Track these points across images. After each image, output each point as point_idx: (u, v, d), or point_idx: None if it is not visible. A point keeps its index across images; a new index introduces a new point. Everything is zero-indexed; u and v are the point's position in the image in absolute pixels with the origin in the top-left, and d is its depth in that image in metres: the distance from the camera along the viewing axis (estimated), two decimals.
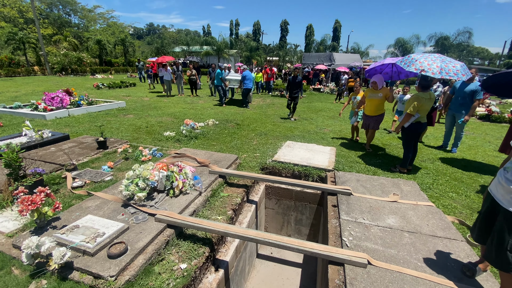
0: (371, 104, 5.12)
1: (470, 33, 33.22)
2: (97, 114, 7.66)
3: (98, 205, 2.71)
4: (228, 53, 35.80)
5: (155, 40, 43.14)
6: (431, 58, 3.92)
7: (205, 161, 3.81)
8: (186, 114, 8.35)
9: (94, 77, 21.81)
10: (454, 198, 3.53)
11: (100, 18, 38.66)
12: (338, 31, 50.56)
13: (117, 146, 4.72)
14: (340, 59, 22.91)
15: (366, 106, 5.23)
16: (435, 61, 3.84)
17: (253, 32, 55.02)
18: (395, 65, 5.61)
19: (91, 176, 3.50)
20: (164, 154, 4.38)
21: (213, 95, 13.07)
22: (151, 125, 6.60)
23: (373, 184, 3.58)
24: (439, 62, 3.79)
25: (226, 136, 5.97)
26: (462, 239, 2.50)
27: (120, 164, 3.98)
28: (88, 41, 29.85)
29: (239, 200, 3.23)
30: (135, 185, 2.72)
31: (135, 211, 2.60)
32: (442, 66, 3.72)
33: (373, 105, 5.09)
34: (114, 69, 28.12)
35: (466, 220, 3.02)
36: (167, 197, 2.86)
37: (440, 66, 3.72)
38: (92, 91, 12.81)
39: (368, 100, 5.16)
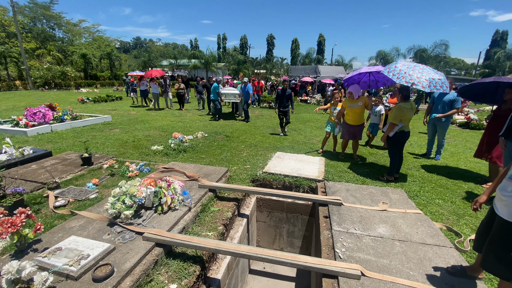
0: (353, 114, 5.18)
1: (446, 45, 35.20)
2: (82, 129, 7.46)
3: (82, 225, 2.59)
4: (216, 66, 36.18)
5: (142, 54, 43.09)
6: (418, 69, 4.07)
7: (194, 175, 3.75)
8: (174, 127, 8.27)
9: (79, 91, 21.42)
10: (440, 205, 3.61)
11: (85, 32, 38.30)
12: (322, 45, 52.28)
13: (103, 162, 4.58)
14: (325, 71, 23.64)
15: (348, 116, 5.27)
16: (422, 73, 3.99)
17: (240, 46, 56.03)
18: (372, 74, 5.81)
19: (74, 194, 3.36)
20: (152, 169, 4.29)
21: (201, 109, 12.89)
22: (138, 139, 6.48)
23: (362, 194, 3.62)
24: (426, 75, 3.93)
25: (216, 149, 5.93)
26: (451, 246, 2.54)
27: (106, 180, 3.86)
28: (73, 55, 29.44)
29: (230, 215, 3.17)
30: (122, 202, 2.62)
31: (121, 230, 2.50)
32: (430, 79, 3.87)
33: (355, 115, 5.18)
34: (100, 83, 27.73)
35: (453, 226, 3.08)
36: (155, 214, 2.77)
37: (429, 79, 3.86)
38: (76, 106, 12.53)
39: (349, 110, 5.19)
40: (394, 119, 4.06)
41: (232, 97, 10.86)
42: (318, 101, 17.06)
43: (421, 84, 3.87)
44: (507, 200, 1.70)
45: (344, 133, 5.42)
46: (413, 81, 3.92)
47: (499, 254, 1.70)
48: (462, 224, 3.14)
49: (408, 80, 3.97)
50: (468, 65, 52.38)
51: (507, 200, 1.70)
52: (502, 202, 1.75)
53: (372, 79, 5.90)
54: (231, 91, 11.02)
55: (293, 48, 52.06)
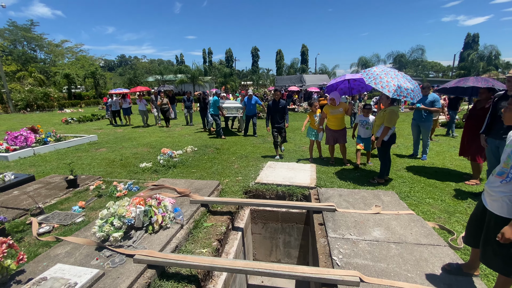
0: (335, 119, 5.36)
1: (422, 50, 36.84)
2: (66, 151, 7.24)
3: (69, 252, 2.47)
4: (203, 80, 36.39)
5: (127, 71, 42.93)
6: (391, 75, 4.21)
7: (185, 191, 3.68)
8: (163, 143, 8.15)
9: (63, 111, 20.96)
10: (431, 204, 3.67)
11: (68, 52, 37.83)
12: (305, 55, 53.72)
13: (89, 183, 4.43)
14: (310, 80, 24.22)
15: (330, 121, 5.43)
16: (393, 79, 4.12)
17: (226, 59, 56.73)
18: (350, 82, 6.03)
19: (60, 219, 3.21)
20: (141, 187, 4.18)
21: (189, 125, 12.26)
22: (126, 158, 6.34)
23: (355, 198, 3.64)
24: (396, 81, 4.06)
25: (206, 162, 5.86)
26: (445, 244, 2.56)
27: (93, 202, 3.72)
28: (56, 75, 28.95)
29: (224, 229, 3.10)
30: (110, 224, 2.52)
31: (111, 253, 2.39)
32: (397, 86, 3.98)
33: (338, 120, 5.37)
34: (85, 102, 27.27)
35: (445, 224, 3.13)
36: (146, 234, 2.67)
37: (397, 85, 3.98)
38: (60, 127, 12.21)
39: (331, 116, 5.37)
40: (390, 122, 4.13)
41: (234, 111, 9.93)
42: (306, 109, 17.34)
43: (387, 88, 3.99)
44: (495, 195, 1.74)
45: (328, 139, 5.55)
46: (382, 84, 4.05)
47: (495, 248, 1.72)
48: (453, 222, 3.19)
49: (377, 82, 4.10)
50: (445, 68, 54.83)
51: (495, 195, 1.74)
52: (491, 197, 1.79)
53: (347, 86, 6.10)
54: (233, 105, 10.17)
55: (277, 59, 53.19)
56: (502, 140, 3.32)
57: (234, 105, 10.10)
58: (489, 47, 39.39)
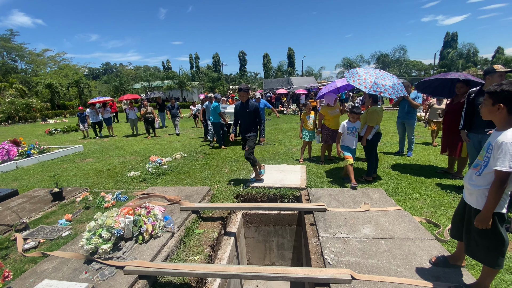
0: (334, 119, 5.52)
1: (404, 50, 37.96)
2: (51, 163, 7.02)
3: (56, 266, 2.40)
4: (190, 86, 36.17)
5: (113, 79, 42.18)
6: (370, 73, 4.33)
7: (175, 198, 3.64)
8: (151, 150, 8.04)
9: (46, 122, 20.35)
10: (418, 199, 3.77)
11: (50, 62, 36.87)
12: (292, 57, 54.37)
13: (76, 195, 4.32)
14: (297, 82, 24.51)
15: (330, 122, 5.56)
16: (371, 76, 4.25)
17: (213, 63, 56.67)
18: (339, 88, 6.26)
19: (45, 234, 3.11)
20: (130, 196, 4.10)
21: (176, 134, 11.08)
22: (114, 167, 6.21)
23: (344, 197, 3.70)
24: (374, 78, 4.19)
25: (196, 168, 5.82)
26: (432, 238, 2.64)
27: (80, 215, 3.62)
28: (38, 85, 28.09)
29: (216, 235, 3.08)
30: (98, 236, 2.47)
31: (100, 266, 2.33)
32: (375, 82, 4.11)
33: (336, 120, 5.52)
34: (69, 112, 26.52)
35: (431, 218, 3.22)
36: (136, 245, 2.63)
37: (373, 82, 4.11)
38: (44, 138, 11.84)
39: (331, 117, 5.54)
40: (372, 122, 4.23)
41: None
42: (294, 111, 17.52)
43: (364, 85, 4.12)
44: (471, 188, 1.82)
45: (326, 138, 5.65)
46: (359, 81, 4.18)
47: (477, 240, 1.80)
48: (439, 215, 3.29)
49: (355, 80, 4.23)
50: (426, 66, 56.71)
51: (471, 188, 1.82)
52: (468, 190, 1.87)
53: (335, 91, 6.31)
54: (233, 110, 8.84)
55: (265, 63, 53.60)
56: (485, 134, 3.44)
57: None
58: (467, 45, 41.08)
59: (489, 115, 1.74)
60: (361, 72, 4.35)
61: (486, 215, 1.67)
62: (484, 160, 1.74)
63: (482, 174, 1.74)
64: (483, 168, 1.73)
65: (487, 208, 1.66)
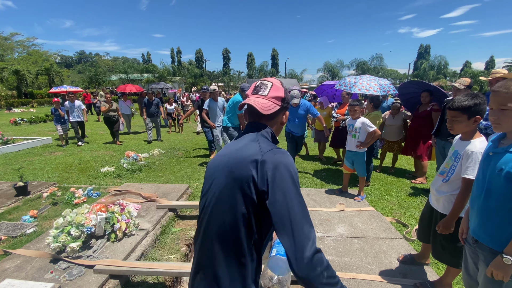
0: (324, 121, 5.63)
1: (381, 58, 39.72)
2: (15, 155, 6.52)
3: (19, 265, 2.23)
4: (171, 80, 35.21)
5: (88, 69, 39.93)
6: (364, 79, 4.56)
7: (151, 196, 3.53)
8: (127, 145, 7.74)
9: (11, 111, 18.85)
10: (389, 200, 3.96)
11: (18, 47, 34.07)
12: (276, 59, 54.86)
13: (42, 190, 4.05)
14: None
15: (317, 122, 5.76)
16: (369, 82, 4.46)
17: (196, 59, 55.67)
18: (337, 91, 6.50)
19: (7, 231, 2.89)
20: (103, 193, 3.92)
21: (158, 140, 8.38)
22: (85, 161, 5.90)
23: (321, 197, 3.80)
24: (376, 81, 4.41)
25: (175, 165, 5.69)
26: (400, 237, 2.79)
27: (47, 211, 3.41)
28: (3, 71, 25.92)
29: (193, 233, 3.04)
30: (67, 234, 2.33)
31: (67, 265, 2.21)
32: (380, 85, 4.33)
33: (326, 122, 5.68)
34: (37, 101, 24.80)
35: (401, 218, 3.40)
36: (108, 243, 2.52)
37: (378, 84, 4.33)
38: (8, 128, 10.96)
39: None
40: (378, 127, 4.19)
41: None
42: None
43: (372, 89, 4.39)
44: (438, 194, 1.93)
45: (320, 138, 5.94)
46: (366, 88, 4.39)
47: (443, 243, 1.92)
48: (408, 216, 3.49)
49: (360, 88, 4.44)
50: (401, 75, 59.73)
51: (438, 194, 1.93)
52: (434, 196, 1.99)
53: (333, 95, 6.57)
54: None
55: (249, 62, 53.57)
56: (447, 142, 3.72)
57: None
58: (439, 58, 43.79)
59: (465, 128, 1.74)
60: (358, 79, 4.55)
61: (451, 220, 1.77)
62: (451, 168, 1.85)
63: (449, 181, 1.85)
64: (450, 176, 1.84)
65: (453, 213, 1.75)
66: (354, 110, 3.65)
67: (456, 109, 1.71)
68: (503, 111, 1.21)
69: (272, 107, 1.02)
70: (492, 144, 1.35)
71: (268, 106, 1.01)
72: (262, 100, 1.01)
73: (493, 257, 1.24)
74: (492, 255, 1.26)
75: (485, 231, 1.31)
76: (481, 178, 1.34)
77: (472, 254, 1.43)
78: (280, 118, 1.09)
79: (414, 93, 5.35)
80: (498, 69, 3.77)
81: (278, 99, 1.04)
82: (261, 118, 1.04)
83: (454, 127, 1.78)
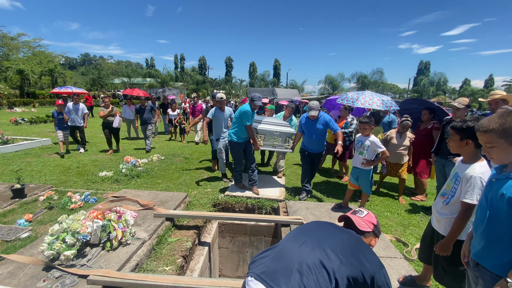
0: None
1: (381, 73, 40.19)
2: (14, 155, 6.48)
3: (12, 272, 2.18)
4: (173, 86, 35.45)
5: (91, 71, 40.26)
6: (366, 95, 4.62)
7: (149, 203, 3.49)
8: (126, 150, 7.71)
9: (12, 110, 18.84)
10: (389, 217, 3.93)
11: (24, 47, 34.39)
12: (278, 69, 55.55)
13: (39, 193, 4.00)
14: (281, 93, 25.03)
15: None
16: (372, 97, 4.51)
17: (199, 66, 56.28)
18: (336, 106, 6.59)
19: (2, 234, 2.84)
20: (100, 199, 3.87)
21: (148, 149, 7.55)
22: (84, 165, 5.86)
23: (321, 211, 3.76)
24: (375, 96, 4.47)
25: (174, 172, 5.65)
26: (400, 256, 2.75)
27: (42, 215, 3.35)
28: (8, 70, 26.06)
29: (189, 244, 2.98)
30: (62, 241, 2.29)
31: (60, 274, 2.16)
32: (382, 100, 4.39)
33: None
34: (39, 101, 24.80)
35: (401, 236, 3.36)
36: (103, 252, 2.47)
37: (380, 100, 4.39)
38: (8, 127, 10.92)
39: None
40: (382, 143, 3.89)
41: (280, 140, 4.63)
42: None
43: (375, 104, 4.42)
44: (439, 216, 1.92)
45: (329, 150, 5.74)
46: (369, 103, 4.44)
47: (444, 267, 1.89)
48: (408, 234, 3.45)
49: (363, 102, 4.48)
50: (401, 90, 60.40)
51: (439, 216, 1.92)
52: (435, 217, 1.97)
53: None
54: (279, 128, 4.65)
55: (251, 71, 54.23)
56: (447, 160, 3.72)
57: (282, 129, 4.65)
58: (438, 74, 44.43)
59: (458, 149, 1.83)
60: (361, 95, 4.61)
61: (448, 242, 1.77)
62: (452, 191, 1.85)
63: (449, 203, 1.85)
64: (450, 198, 1.84)
65: (451, 235, 1.75)
66: (364, 128, 3.54)
67: (452, 128, 1.84)
68: (491, 148, 1.27)
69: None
70: (495, 171, 1.38)
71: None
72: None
73: (494, 282, 1.24)
74: (493, 280, 1.26)
75: (487, 255, 1.32)
76: (484, 203, 1.36)
77: (474, 278, 1.43)
78: None
79: (416, 109, 5.40)
80: (497, 91, 3.83)
81: None
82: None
83: (449, 144, 1.90)
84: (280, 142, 4.61)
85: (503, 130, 1.20)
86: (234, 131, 4.30)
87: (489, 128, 1.24)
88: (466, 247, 1.55)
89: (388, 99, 4.80)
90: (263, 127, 4.51)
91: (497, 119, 1.23)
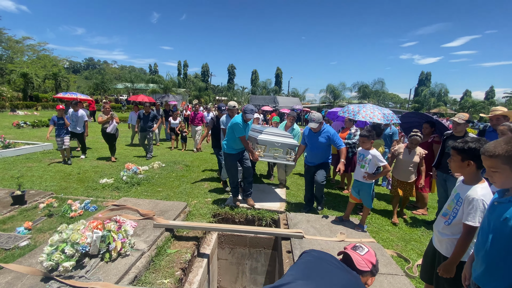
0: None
1: (382, 83, 40.47)
2: (15, 160, 6.49)
3: (10, 282, 2.17)
4: (176, 92, 35.75)
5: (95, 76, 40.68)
6: (368, 108, 4.66)
7: (149, 213, 3.47)
8: (127, 156, 7.72)
9: (15, 113, 18.94)
10: (390, 231, 3.89)
11: (29, 50, 34.85)
12: (280, 77, 56.03)
13: (39, 200, 4.00)
14: (283, 101, 25.23)
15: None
16: (373, 110, 4.55)
17: (202, 73, 56.83)
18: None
19: (1, 242, 2.83)
20: (100, 207, 3.86)
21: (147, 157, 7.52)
22: (84, 171, 5.86)
23: (321, 224, 3.73)
24: (376, 110, 4.52)
25: (174, 180, 5.64)
26: (402, 274, 2.71)
27: (41, 223, 3.34)
28: (12, 73, 26.35)
29: (189, 256, 2.96)
30: (61, 252, 2.27)
31: (59, 285, 2.13)
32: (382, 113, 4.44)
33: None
34: (42, 105, 25.00)
35: (402, 252, 3.33)
36: (101, 263, 2.45)
37: (382, 113, 4.43)
38: (10, 131, 10.98)
39: None
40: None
41: (281, 152, 4.44)
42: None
43: (376, 117, 4.50)
44: (440, 236, 1.91)
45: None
46: (369, 116, 4.47)
47: (446, 287, 1.87)
48: (409, 250, 3.41)
49: (364, 115, 4.55)
50: (402, 100, 60.67)
51: (440, 236, 1.91)
52: (437, 237, 1.96)
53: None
54: (281, 139, 4.46)
55: (253, 79, 54.65)
56: (448, 174, 3.71)
57: (284, 140, 4.47)
58: (439, 85, 44.63)
59: (459, 169, 1.82)
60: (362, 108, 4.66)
61: (451, 265, 1.75)
62: (453, 211, 1.84)
63: (451, 224, 1.84)
64: (452, 219, 1.83)
65: (454, 258, 1.74)
66: (363, 142, 3.51)
67: (453, 148, 1.82)
68: (494, 172, 1.29)
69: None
70: (497, 194, 1.38)
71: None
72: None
73: None
74: None
75: (488, 279, 1.31)
76: (486, 226, 1.35)
77: None
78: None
79: (416, 122, 5.42)
80: (498, 107, 3.86)
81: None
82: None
83: (450, 165, 1.88)
84: (282, 153, 4.43)
85: (509, 157, 1.20)
86: (226, 142, 4.17)
87: (495, 154, 1.24)
88: (467, 270, 1.53)
89: (390, 112, 4.84)
90: (264, 138, 4.32)
91: (503, 144, 1.23)
